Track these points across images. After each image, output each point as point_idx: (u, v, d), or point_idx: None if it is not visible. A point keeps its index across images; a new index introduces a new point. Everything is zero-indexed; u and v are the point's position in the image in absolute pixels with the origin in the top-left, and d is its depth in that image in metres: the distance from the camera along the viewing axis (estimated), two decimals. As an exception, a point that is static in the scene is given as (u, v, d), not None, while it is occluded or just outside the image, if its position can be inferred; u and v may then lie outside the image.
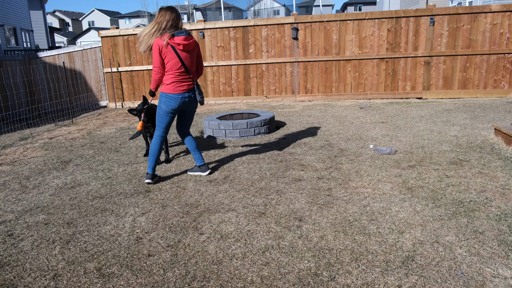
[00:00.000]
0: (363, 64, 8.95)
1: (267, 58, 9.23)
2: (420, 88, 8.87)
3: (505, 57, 8.47)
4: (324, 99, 9.24)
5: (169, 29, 3.83)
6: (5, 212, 3.66)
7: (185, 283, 2.43)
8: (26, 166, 5.12)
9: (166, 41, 3.80)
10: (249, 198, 3.67)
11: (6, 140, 6.84)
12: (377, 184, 3.85)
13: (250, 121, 5.95)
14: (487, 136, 5.34)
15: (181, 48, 3.86)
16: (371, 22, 8.74)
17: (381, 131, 6.00)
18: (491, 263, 2.48)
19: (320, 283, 2.37)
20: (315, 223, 3.11)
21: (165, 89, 3.97)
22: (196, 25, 9.33)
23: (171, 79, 3.93)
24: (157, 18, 3.87)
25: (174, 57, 3.86)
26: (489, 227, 2.92)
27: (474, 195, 3.50)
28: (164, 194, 3.89)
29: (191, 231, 3.08)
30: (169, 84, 3.93)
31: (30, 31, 22.85)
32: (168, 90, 3.94)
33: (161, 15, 3.86)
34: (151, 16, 53.80)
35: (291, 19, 9.00)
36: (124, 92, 9.84)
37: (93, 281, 2.51)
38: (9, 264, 2.75)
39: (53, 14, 60.61)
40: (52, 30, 33.92)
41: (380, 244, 2.76)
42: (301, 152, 5.05)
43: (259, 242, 2.86)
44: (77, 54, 9.94)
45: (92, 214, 3.49)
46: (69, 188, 4.20)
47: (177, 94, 3.95)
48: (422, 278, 2.36)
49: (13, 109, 9.26)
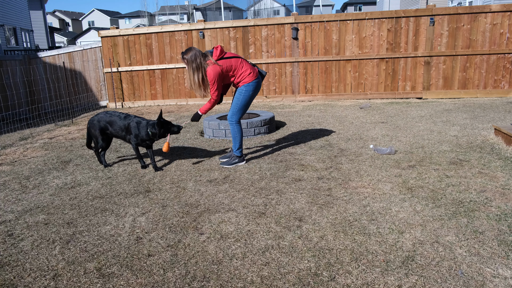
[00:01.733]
0: (363, 64, 8.95)
1: (267, 58, 9.24)
2: (420, 88, 8.87)
3: (505, 57, 8.47)
4: (324, 99, 9.24)
5: (203, 57, 4.26)
6: (5, 212, 3.66)
7: (185, 283, 2.43)
8: (26, 166, 5.12)
9: (214, 61, 4.26)
10: (249, 198, 3.67)
11: (6, 140, 6.84)
12: (377, 184, 3.85)
13: (250, 121, 5.95)
14: (487, 136, 5.34)
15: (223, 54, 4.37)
16: (371, 22, 8.74)
17: (381, 131, 6.00)
18: (491, 263, 2.48)
19: (320, 283, 2.37)
20: (315, 223, 3.11)
21: (248, 80, 4.45)
22: (196, 25, 9.33)
23: (248, 71, 4.45)
24: (190, 63, 4.25)
25: (231, 62, 4.34)
26: (489, 227, 2.92)
27: (474, 195, 3.50)
28: (164, 194, 3.89)
29: (191, 231, 3.08)
30: (248, 75, 4.45)
31: (30, 31, 22.86)
32: (250, 80, 4.47)
33: (190, 57, 4.24)
34: (151, 16, 53.82)
35: (291, 19, 9.00)
36: (124, 92, 9.84)
37: (93, 281, 2.51)
38: (9, 264, 2.75)
39: (53, 14, 60.62)
40: (52, 30, 33.93)
41: (380, 244, 2.76)
42: (301, 152, 5.05)
43: (259, 242, 2.86)
44: (77, 54, 9.94)
45: (92, 214, 3.49)
46: (69, 188, 4.20)
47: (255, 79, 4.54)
48: (422, 278, 2.36)
49: (13, 109, 9.26)
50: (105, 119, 4.69)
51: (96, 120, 4.71)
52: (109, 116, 4.70)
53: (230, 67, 4.33)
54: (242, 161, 4.69)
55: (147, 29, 9.53)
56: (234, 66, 4.36)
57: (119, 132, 4.66)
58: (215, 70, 4.22)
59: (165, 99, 9.79)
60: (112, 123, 4.67)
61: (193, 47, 4.32)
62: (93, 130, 4.71)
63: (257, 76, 4.52)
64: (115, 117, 4.69)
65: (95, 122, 4.71)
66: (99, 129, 4.69)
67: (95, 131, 4.69)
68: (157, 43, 9.48)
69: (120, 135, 4.68)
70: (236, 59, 4.39)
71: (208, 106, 4.43)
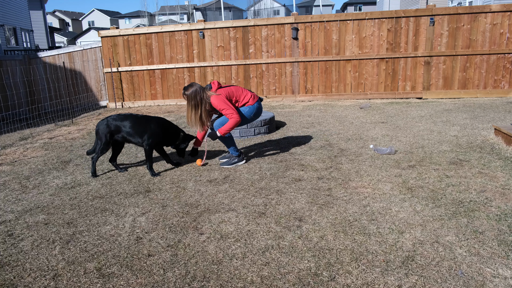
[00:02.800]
0: (363, 64, 8.95)
1: (267, 58, 9.24)
2: (420, 88, 8.87)
3: (505, 57, 8.47)
4: (324, 99, 9.24)
5: (203, 91, 4.31)
6: (5, 212, 3.66)
7: (185, 283, 2.43)
8: (26, 166, 5.12)
9: (214, 92, 4.35)
10: (249, 198, 3.67)
11: (6, 140, 6.84)
12: (377, 184, 3.85)
13: (250, 121, 5.95)
14: (487, 136, 5.34)
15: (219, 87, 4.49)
16: (371, 22, 8.74)
17: (381, 131, 6.00)
18: (491, 263, 2.48)
19: (320, 283, 2.37)
20: (315, 223, 3.11)
21: (251, 102, 4.57)
22: (196, 25, 9.33)
23: (249, 95, 4.58)
24: (190, 100, 4.30)
25: (231, 89, 4.47)
26: (489, 227, 2.92)
27: (474, 195, 3.50)
28: (164, 194, 3.89)
29: (191, 231, 3.08)
30: (251, 98, 4.57)
31: (30, 31, 22.85)
32: (252, 102, 4.58)
33: (191, 93, 4.29)
34: (151, 16, 53.82)
35: (291, 19, 9.00)
36: (124, 92, 9.84)
37: (93, 281, 2.51)
38: (9, 264, 2.75)
39: (53, 14, 60.61)
40: (52, 30, 33.91)
41: (380, 244, 2.76)
42: (301, 152, 5.05)
43: (259, 242, 2.86)
44: (77, 54, 9.94)
45: (92, 214, 3.49)
46: (69, 188, 4.20)
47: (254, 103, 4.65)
48: (422, 278, 2.36)
49: (13, 109, 9.26)
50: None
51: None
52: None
53: (232, 93, 4.45)
54: (242, 160, 4.70)
55: (147, 29, 9.53)
56: (236, 92, 4.48)
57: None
58: (219, 97, 4.32)
59: (165, 99, 9.79)
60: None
61: (195, 83, 4.35)
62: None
63: (258, 100, 4.64)
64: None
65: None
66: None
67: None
68: (157, 43, 9.48)
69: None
70: (235, 86, 4.55)
71: (229, 126, 4.38)
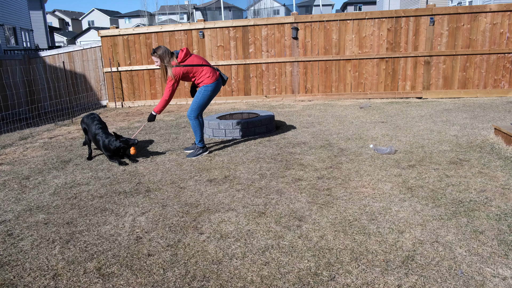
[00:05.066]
0: (363, 63, 8.94)
1: (267, 58, 9.23)
2: (420, 87, 8.86)
3: (505, 57, 8.47)
4: (324, 98, 9.24)
5: (170, 57, 4.74)
6: (5, 211, 3.66)
7: (185, 283, 2.43)
8: (26, 166, 5.12)
9: (178, 63, 4.74)
10: (249, 197, 3.67)
11: (6, 140, 6.84)
12: (377, 184, 3.85)
13: (250, 121, 5.95)
14: (487, 135, 5.34)
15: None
16: (371, 22, 8.74)
17: (381, 130, 6.00)
18: (491, 263, 2.48)
19: (320, 282, 2.37)
20: (315, 222, 3.11)
21: (207, 82, 4.93)
22: (196, 25, 9.32)
23: (207, 74, 4.94)
24: (162, 60, 4.73)
25: (192, 67, 4.84)
26: (489, 227, 2.92)
27: (474, 195, 3.50)
28: (164, 193, 3.89)
29: (191, 231, 3.08)
30: (208, 78, 4.92)
31: (30, 30, 22.85)
32: (209, 82, 4.94)
33: (162, 53, 4.70)
34: (151, 15, 53.80)
35: (291, 18, 9.00)
36: (124, 91, 9.84)
37: (93, 280, 2.51)
38: (9, 264, 2.75)
39: (53, 14, 60.59)
40: (52, 30, 33.91)
41: (380, 243, 2.76)
42: (301, 152, 5.05)
43: (259, 242, 2.86)
44: (77, 54, 9.93)
45: (92, 214, 3.49)
46: (69, 188, 4.20)
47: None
48: (422, 278, 2.36)
49: (13, 108, 9.25)
50: None
51: None
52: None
53: (191, 69, 4.82)
54: (206, 151, 5.16)
55: (147, 29, 9.52)
56: (195, 70, 4.84)
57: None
58: (175, 72, 4.73)
59: (165, 98, 9.77)
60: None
61: (162, 46, 4.78)
62: None
63: (217, 79, 4.97)
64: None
65: None
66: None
67: None
68: (157, 42, 9.47)
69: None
70: (198, 62, 4.85)
71: (161, 105, 4.81)
